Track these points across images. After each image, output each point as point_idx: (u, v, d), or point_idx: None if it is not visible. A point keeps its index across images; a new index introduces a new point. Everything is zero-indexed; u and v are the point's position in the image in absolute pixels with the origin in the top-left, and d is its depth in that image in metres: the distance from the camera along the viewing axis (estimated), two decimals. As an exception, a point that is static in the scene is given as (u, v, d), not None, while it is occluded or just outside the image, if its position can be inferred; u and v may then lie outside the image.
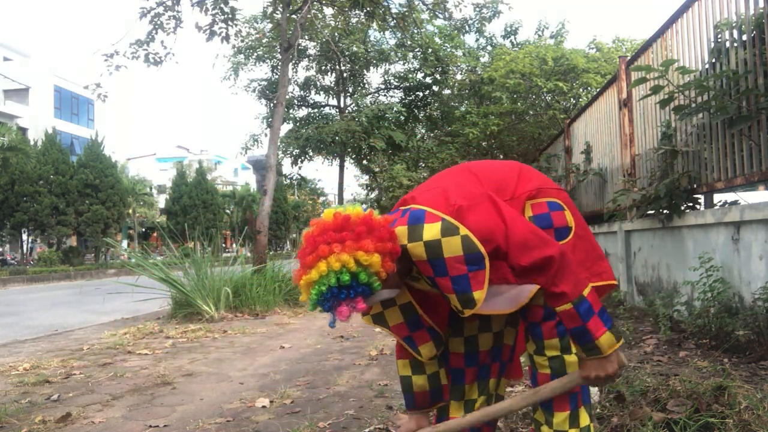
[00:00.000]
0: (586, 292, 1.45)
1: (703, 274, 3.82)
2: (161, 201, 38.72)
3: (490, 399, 1.80)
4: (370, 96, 18.96)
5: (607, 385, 1.55)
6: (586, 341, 1.45)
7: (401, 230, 1.46)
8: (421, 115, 18.74)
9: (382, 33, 16.09)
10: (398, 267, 1.47)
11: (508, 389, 2.90)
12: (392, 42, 16.80)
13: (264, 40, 16.39)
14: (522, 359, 1.99)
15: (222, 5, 8.83)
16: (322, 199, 48.40)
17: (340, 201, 19.59)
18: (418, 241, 1.43)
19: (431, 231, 1.43)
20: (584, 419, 1.63)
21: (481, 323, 1.78)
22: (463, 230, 1.43)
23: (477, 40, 18.23)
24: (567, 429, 1.60)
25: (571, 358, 1.61)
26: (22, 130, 28.55)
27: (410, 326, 1.65)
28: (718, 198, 4.70)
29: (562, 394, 1.60)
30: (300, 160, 17.99)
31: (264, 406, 3.02)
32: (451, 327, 1.78)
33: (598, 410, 2.37)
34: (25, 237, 23.48)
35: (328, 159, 18.58)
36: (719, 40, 4.11)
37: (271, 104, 16.92)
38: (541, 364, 1.63)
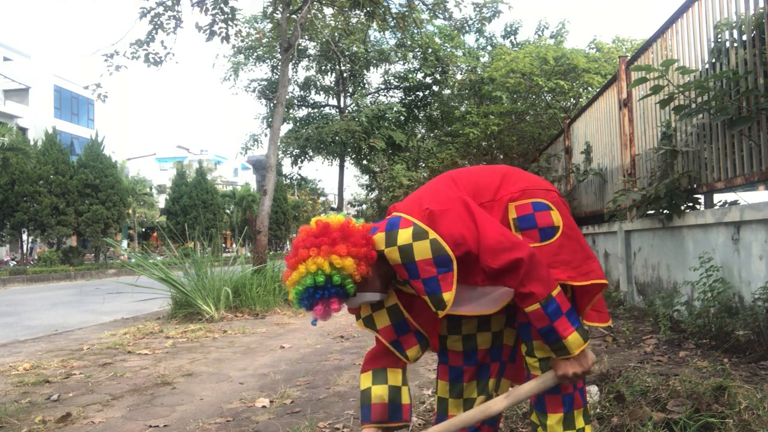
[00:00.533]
0: (554, 293, 1.49)
1: (703, 274, 3.82)
2: (161, 201, 38.72)
3: (489, 399, 1.80)
4: (370, 96, 18.95)
5: (577, 381, 1.57)
6: (554, 340, 1.50)
7: (380, 237, 1.55)
8: (421, 115, 18.73)
9: (382, 33, 16.08)
10: (381, 272, 1.57)
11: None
12: (392, 42, 16.80)
13: (264, 40, 16.38)
14: None
15: (222, 5, 8.83)
16: (322, 199, 48.39)
17: (340, 201, 19.61)
18: (393, 246, 1.52)
19: (404, 236, 1.51)
20: (579, 422, 1.63)
21: (479, 322, 1.78)
22: (432, 234, 1.50)
23: (477, 40, 18.24)
24: (561, 431, 1.60)
25: None
26: (22, 130, 28.57)
27: (397, 330, 1.69)
28: (718, 198, 4.70)
29: (554, 395, 1.60)
30: (300, 160, 17.99)
31: (264, 406, 3.02)
32: (449, 325, 1.79)
33: (598, 410, 2.37)
34: (25, 237, 23.48)
35: (328, 159, 18.57)
36: (719, 40, 4.11)
37: (271, 104, 16.91)
38: (532, 365, 1.64)
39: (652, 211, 5.01)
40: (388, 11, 10.93)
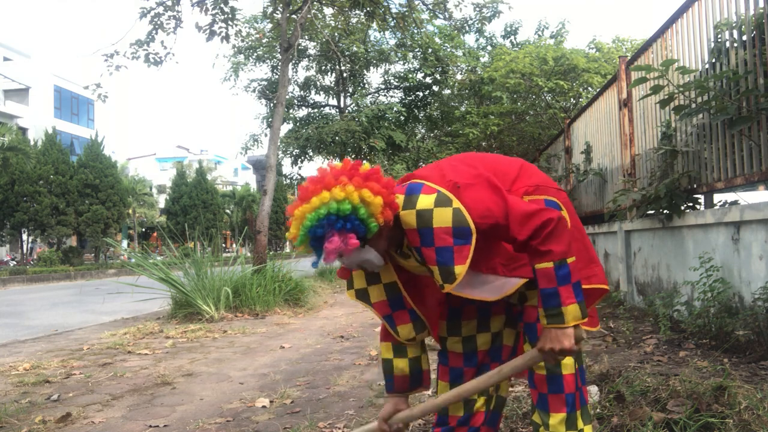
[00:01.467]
0: (569, 260, 1.45)
1: (703, 274, 3.82)
2: (161, 201, 38.71)
3: (491, 399, 1.81)
4: (370, 96, 18.93)
5: (560, 359, 1.53)
6: (553, 305, 1.44)
7: (398, 198, 1.51)
8: (421, 115, 18.71)
9: (382, 33, 16.07)
10: (390, 234, 1.52)
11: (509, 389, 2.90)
12: (392, 42, 16.78)
13: (264, 40, 16.37)
14: None
15: (222, 5, 8.83)
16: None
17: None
18: (411, 209, 1.47)
19: (425, 201, 1.47)
20: (580, 422, 1.63)
21: (479, 323, 1.78)
22: (456, 203, 1.46)
23: (477, 40, 18.22)
24: (563, 431, 1.61)
25: (567, 360, 1.62)
26: (22, 130, 28.54)
27: (392, 305, 1.67)
28: (718, 198, 4.70)
29: (557, 394, 1.60)
30: (300, 160, 17.96)
31: (264, 406, 3.02)
32: (449, 326, 1.79)
33: (598, 410, 2.37)
34: (25, 237, 23.47)
35: (328, 159, 18.54)
36: (719, 40, 4.11)
37: (271, 104, 16.89)
38: (538, 364, 1.63)
39: (652, 211, 5.01)
40: (388, 11, 10.94)
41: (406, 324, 1.67)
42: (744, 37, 3.78)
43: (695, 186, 4.50)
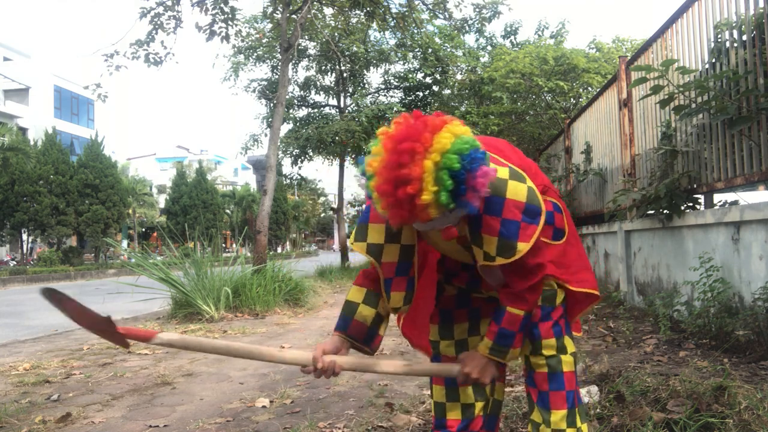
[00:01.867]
0: (530, 313, 1.56)
1: (703, 274, 3.83)
2: (161, 201, 38.73)
3: (488, 403, 1.81)
4: (370, 96, 18.94)
5: (469, 384, 1.65)
6: (506, 344, 1.55)
7: None
8: (421, 115, 18.71)
9: (382, 33, 16.07)
10: None
11: (508, 389, 2.90)
12: (392, 42, 16.78)
13: (264, 40, 16.37)
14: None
15: (222, 5, 8.83)
16: (322, 199, 48.36)
17: (340, 201, 19.57)
18: None
19: (498, 171, 1.41)
20: (579, 421, 1.64)
21: (470, 326, 1.79)
22: (530, 182, 1.45)
23: (477, 40, 18.22)
24: (565, 428, 1.61)
25: (567, 358, 1.64)
26: (22, 130, 28.55)
27: (398, 270, 1.59)
28: (718, 198, 4.70)
29: (558, 391, 1.62)
30: (300, 160, 17.96)
31: (264, 406, 3.02)
32: (441, 329, 1.80)
33: (598, 410, 2.37)
34: (25, 237, 23.47)
35: (328, 159, 18.55)
36: (719, 40, 4.11)
37: (271, 104, 16.89)
38: (538, 363, 1.64)
39: (652, 211, 5.01)
40: (388, 11, 10.94)
41: (400, 292, 1.61)
42: (744, 37, 3.78)
43: (695, 186, 4.50)
